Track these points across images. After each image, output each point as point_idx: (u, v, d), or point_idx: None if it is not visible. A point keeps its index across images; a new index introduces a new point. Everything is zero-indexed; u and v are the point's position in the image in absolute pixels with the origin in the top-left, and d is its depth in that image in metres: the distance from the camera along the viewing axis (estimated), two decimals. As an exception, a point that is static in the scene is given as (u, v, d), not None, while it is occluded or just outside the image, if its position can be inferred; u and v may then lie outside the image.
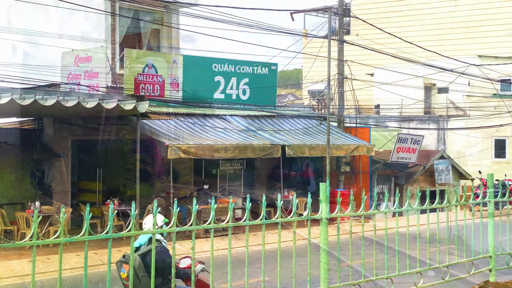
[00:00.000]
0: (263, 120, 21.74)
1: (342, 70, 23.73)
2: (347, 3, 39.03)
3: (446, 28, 39.78)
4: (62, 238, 5.28)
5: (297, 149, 19.77)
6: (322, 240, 7.07)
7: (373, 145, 22.77)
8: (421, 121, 35.54)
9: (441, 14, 40.17)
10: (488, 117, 32.11)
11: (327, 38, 20.66)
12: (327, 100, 20.31)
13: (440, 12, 40.23)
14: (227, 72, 21.49)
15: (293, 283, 6.93)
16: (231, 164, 20.42)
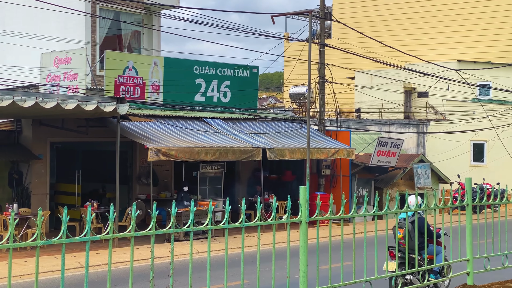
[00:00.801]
0: (244, 123, 21.73)
1: (323, 73, 23.81)
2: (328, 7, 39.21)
3: (426, 33, 40.07)
4: (39, 241, 5.22)
5: (278, 152, 19.78)
6: (302, 243, 7.07)
7: (353, 148, 22.85)
8: (401, 125, 35.75)
9: (421, 19, 40.46)
10: (467, 121, 32.38)
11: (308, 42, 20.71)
12: (307, 103, 20.35)
13: (421, 17, 40.52)
14: (208, 75, 21.46)
15: (272, 285, 6.92)
16: (211, 166, 20.39)
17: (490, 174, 31.71)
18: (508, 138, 31.49)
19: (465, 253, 8.98)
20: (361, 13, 41.84)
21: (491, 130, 31.30)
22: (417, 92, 37.02)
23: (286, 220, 7.06)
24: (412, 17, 40.79)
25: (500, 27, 38.16)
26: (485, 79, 33.87)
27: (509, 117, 31.98)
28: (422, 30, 40.25)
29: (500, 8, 38.31)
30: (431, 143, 35.10)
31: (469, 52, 38.24)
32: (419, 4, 40.78)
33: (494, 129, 30.98)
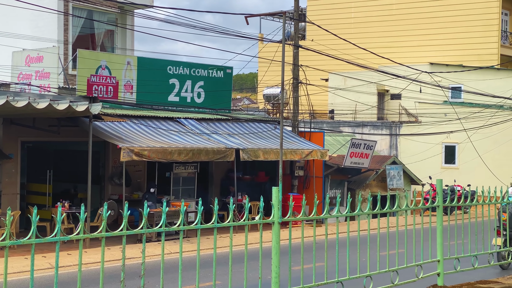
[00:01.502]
0: (217, 123, 21.70)
1: (297, 74, 23.87)
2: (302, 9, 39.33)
3: (399, 35, 40.41)
4: (8, 241, 5.16)
5: (251, 153, 19.79)
6: (274, 244, 7.08)
7: (327, 149, 22.95)
8: (374, 126, 36.00)
9: (394, 22, 40.80)
10: (439, 123, 32.72)
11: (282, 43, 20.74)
12: (281, 104, 20.39)
13: (394, 20, 40.85)
14: (182, 75, 21.39)
15: (244, 286, 6.91)
16: (185, 167, 20.32)
17: (461, 175, 32.08)
18: (479, 141, 31.88)
19: (435, 254, 9.06)
20: (335, 15, 42.05)
21: (462, 133, 31.66)
22: (390, 94, 37.31)
23: (259, 221, 7.06)
24: (385, 20, 41.11)
25: (472, 30, 38.63)
26: (456, 82, 34.25)
27: (480, 120, 32.38)
28: (395, 33, 40.58)
29: (471, 12, 38.78)
30: (404, 145, 35.40)
31: (441, 55, 38.65)
32: (392, 7, 41.11)
33: (465, 131, 31.34)
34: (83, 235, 5.66)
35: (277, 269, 7.01)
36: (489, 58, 38.10)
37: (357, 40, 30.65)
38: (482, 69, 35.18)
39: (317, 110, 32.59)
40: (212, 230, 6.66)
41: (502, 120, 32.31)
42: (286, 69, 25.22)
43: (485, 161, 31.37)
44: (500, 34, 38.83)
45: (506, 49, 39.49)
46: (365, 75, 33.55)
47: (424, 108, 34.56)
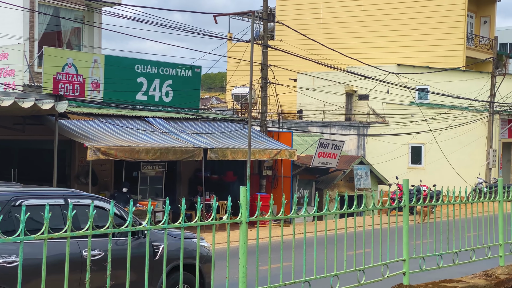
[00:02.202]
0: (186, 122, 21.62)
1: (266, 74, 23.90)
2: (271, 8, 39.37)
3: (368, 36, 40.74)
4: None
5: (219, 152, 19.75)
6: (242, 243, 7.06)
7: (295, 149, 23.02)
8: (342, 127, 36.23)
9: (363, 23, 41.12)
10: (406, 124, 33.07)
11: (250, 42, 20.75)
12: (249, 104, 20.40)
13: (362, 21, 41.17)
14: (150, 74, 21.27)
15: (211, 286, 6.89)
16: (152, 166, 20.19)
17: (427, 175, 32.45)
18: (445, 141, 32.29)
19: (401, 253, 9.14)
20: (304, 15, 42.22)
21: (429, 133, 32.05)
22: (358, 95, 37.60)
23: (226, 221, 7.03)
24: (354, 21, 41.41)
25: (438, 32, 39.12)
26: (423, 83, 34.65)
27: (445, 121, 32.81)
28: (364, 34, 40.90)
29: (438, 14, 39.27)
30: (371, 145, 35.70)
31: (408, 57, 39.07)
32: (360, 8, 41.43)
33: (431, 132, 31.73)
34: (47, 235, 5.58)
35: (244, 269, 7.00)
36: (455, 60, 38.62)
37: (326, 40, 30.81)
38: (448, 71, 35.64)
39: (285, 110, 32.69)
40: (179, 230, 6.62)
41: (467, 121, 32.78)
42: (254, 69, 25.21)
43: (450, 162, 31.79)
44: (466, 36, 39.40)
45: (471, 51, 40.08)
46: (333, 75, 33.75)
47: (391, 109, 34.90)
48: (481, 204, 10.85)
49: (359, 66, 29.69)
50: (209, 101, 50.83)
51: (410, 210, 9.55)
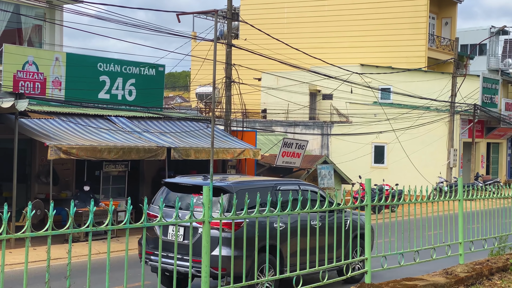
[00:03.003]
0: (149, 121, 21.46)
1: (230, 73, 23.86)
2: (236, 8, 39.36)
3: (331, 36, 41.01)
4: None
5: (182, 151, 19.65)
6: (204, 243, 7.03)
7: (259, 149, 23.02)
8: (306, 126, 36.39)
9: (326, 23, 41.37)
10: (369, 124, 33.36)
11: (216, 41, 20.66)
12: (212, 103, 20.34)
13: (326, 21, 41.42)
14: (113, 72, 21.06)
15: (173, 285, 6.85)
16: (115, 165, 19.99)
17: (389, 175, 32.81)
18: (407, 141, 32.67)
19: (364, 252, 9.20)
20: (268, 14, 42.30)
21: (391, 133, 32.39)
22: (322, 94, 37.81)
23: (189, 220, 7.01)
24: (318, 21, 41.63)
25: (401, 33, 39.57)
26: (386, 83, 35.00)
27: (408, 121, 33.19)
28: (327, 34, 41.16)
29: (400, 15, 39.72)
30: (335, 144, 35.93)
31: (371, 57, 39.43)
32: (324, 8, 41.68)
33: (394, 131, 32.07)
34: (5, 235, 5.48)
35: (207, 268, 6.98)
36: (417, 60, 39.12)
37: (290, 40, 30.90)
38: (410, 71, 36.07)
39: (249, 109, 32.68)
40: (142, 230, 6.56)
41: (429, 121, 33.22)
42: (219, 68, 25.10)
43: (412, 161, 32.18)
44: (428, 37, 39.92)
45: (433, 52, 40.64)
46: (297, 75, 33.89)
47: (355, 109, 35.18)
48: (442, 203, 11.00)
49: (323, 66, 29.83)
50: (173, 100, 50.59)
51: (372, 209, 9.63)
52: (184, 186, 11.30)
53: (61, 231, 5.93)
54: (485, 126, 38.56)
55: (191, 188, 11.21)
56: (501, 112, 37.56)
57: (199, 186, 10.78)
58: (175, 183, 11.68)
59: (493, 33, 48.67)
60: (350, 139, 33.40)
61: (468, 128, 35.68)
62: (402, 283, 8.86)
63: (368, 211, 9.34)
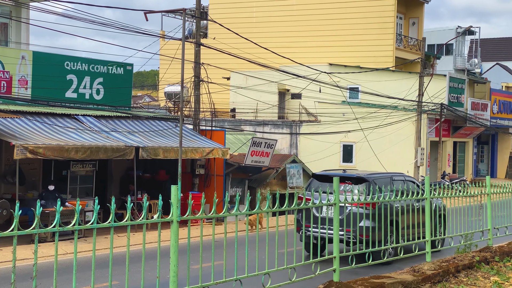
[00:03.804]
0: (117, 121, 21.29)
1: (199, 72, 23.79)
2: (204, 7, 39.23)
3: (300, 36, 41.15)
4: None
5: (151, 151, 19.55)
6: (173, 242, 7.00)
7: (228, 148, 23.01)
8: (275, 125, 36.47)
9: (295, 23, 41.51)
10: (337, 123, 33.55)
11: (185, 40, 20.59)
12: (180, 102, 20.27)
13: (295, 20, 41.55)
14: (80, 71, 20.85)
15: (141, 286, 6.80)
16: (82, 165, 19.80)
17: (358, 174, 32.97)
18: (375, 140, 32.94)
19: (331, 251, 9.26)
20: (237, 14, 42.28)
21: (360, 132, 32.63)
22: (290, 94, 37.91)
23: (157, 220, 6.97)
24: (286, 21, 41.74)
25: (369, 33, 39.88)
26: (354, 82, 35.24)
27: (376, 120, 33.48)
28: (296, 34, 41.29)
29: (368, 15, 40.03)
30: (304, 143, 36.07)
31: (340, 56, 39.67)
32: (293, 8, 41.81)
33: (362, 131, 32.31)
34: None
35: (175, 268, 6.94)
36: (385, 60, 39.46)
37: (259, 39, 30.93)
38: (378, 71, 36.38)
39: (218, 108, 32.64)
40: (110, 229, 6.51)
41: (397, 120, 33.54)
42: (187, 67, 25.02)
43: (380, 160, 32.44)
44: (395, 37, 40.29)
45: (400, 51, 41.04)
46: (266, 74, 33.93)
47: (324, 108, 35.35)
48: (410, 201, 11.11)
49: (292, 65, 29.93)
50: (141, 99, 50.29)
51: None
52: (329, 177, 14.00)
53: (27, 231, 5.85)
54: (452, 125, 39.07)
55: None
56: (467, 112, 38.09)
57: (342, 177, 13.69)
58: (320, 175, 14.98)
59: (459, 33, 49.31)
60: (318, 138, 33.55)
61: (435, 127, 36.11)
62: (370, 281, 8.93)
63: (337, 209, 9.39)
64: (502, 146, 46.25)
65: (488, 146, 46.52)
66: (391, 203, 10.72)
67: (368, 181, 14.00)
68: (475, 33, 52.16)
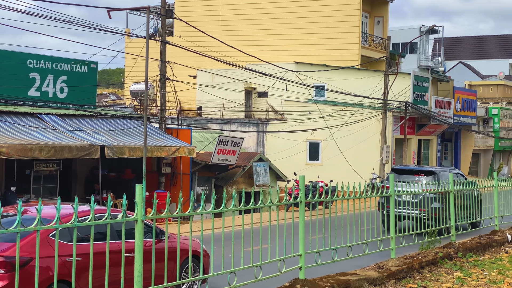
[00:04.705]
0: (81, 119, 21.06)
1: (164, 71, 23.66)
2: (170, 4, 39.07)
3: (266, 34, 41.18)
4: None
5: (117, 150, 19.39)
6: (137, 242, 6.94)
7: (194, 146, 22.94)
8: (242, 124, 36.46)
9: (261, 21, 41.53)
10: (304, 121, 33.67)
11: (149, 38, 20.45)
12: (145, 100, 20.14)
13: (261, 18, 41.57)
14: (44, 69, 20.58)
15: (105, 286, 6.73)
16: (46, 165, 19.55)
17: (324, 172, 33.20)
18: (341, 138, 33.15)
19: (297, 249, 9.28)
20: (203, 11, 42.15)
21: (326, 130, 32.80)
22: (257, 92, 37.93)
23: (121, 220, 6.90)
24: (253, 19, 41.75)
25: (335, 31, 40.09)
26: (320, 80, 35.41)
27: (342, 118, 33.68)
28: (263, 32, 41.31)
29: (334, 14, 40.25)
30: (270, 142, 36.12)
31: (306, 55, 39.81)
32: (259, 6, 41.82)
33: (328, 129, 32.48)
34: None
35: (140, 268, 6.88)
36: (351, 58, 39.71)
37: (225, 37, 30.87)
38: (344, 69, 36.60)
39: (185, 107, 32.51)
40: (72, 230, 6.42)
41: (362, 118, 33.79)
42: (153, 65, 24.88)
43: (346, 158, 32.66)
44: (361, 35, 40.59)
45: (366, 50, 41.35)
46: (232, 72, 33.89)
47: (290, 106, 35.44)
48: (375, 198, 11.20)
49: (258, 63, 29.94)
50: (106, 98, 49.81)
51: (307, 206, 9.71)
52: (406, 170, 19.05)
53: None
54: (416, 123, 39.51)
55: (411, 171, 18.90)
56: (431, 109, 38.55)
57: (415, 170, 18.80)
58: (398, 168, 19.44)
59: (423, 32, 49.88)
60: (285, 136, 33.64)
61: (400, 125, 36.47)
62: (336, 278, 8.97)
63: (302, 207, 9.41)
64: (465, 144, 46.94)
65: (452, 144, 47.16)
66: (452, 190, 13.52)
67: (436, 173, 18.31)
68: (439, 32, 52.83)
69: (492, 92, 56.86)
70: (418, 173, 18.48)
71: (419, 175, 18.19)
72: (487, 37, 75.59)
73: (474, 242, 13.35)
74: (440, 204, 14.93)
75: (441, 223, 13.43)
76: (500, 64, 68.14)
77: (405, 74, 37.69)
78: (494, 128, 49.92)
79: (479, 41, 73.65)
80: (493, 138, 49.32)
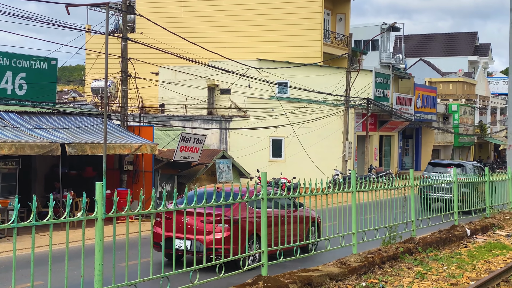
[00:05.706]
0: (41, 117, 20.74)
1: (126, 68, 23.44)
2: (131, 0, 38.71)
3: (229, 31, 41.13)
4: None
5: (78, 147, 19.14)
6: (97, 240, 6.87)
7: (156, 144, 22.76)
8: (205, 121, 36.36)
9: (224, 18, 41.45)
10: (267, 118, 33.73)
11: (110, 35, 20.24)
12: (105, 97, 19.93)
13: (223, 15, 41.50)
14: (1, 66, 20.20)
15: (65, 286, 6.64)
16: (4, 163, 19.20)
17: (287, 168, 33.33)
18: (304, 135, 33.30)
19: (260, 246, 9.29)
20: (165, 8, 41.90)
21: (289, 127, 32.91)
22: (220, 89, 37.87)
23: (81, 218, 6.82)
24: (215, 15, 41.64)
25: (297, 28, 40.24)
26: (283, 77, 35.49)
27: (305, 115, 33.82)
28: (225, 29, 41.25)
29: (297, 11, 40.39)
30: (233, 139, 36.11)
31: (269, 52, 39.87)
32: (221, 3, 41.73)
33: (291, 125, 32.59)
34: None
35: (100, 267, 6.81)
36: (313, 55, 39.90)
37: (187, 34, 30.73)
38: (306, 66, 36.75)
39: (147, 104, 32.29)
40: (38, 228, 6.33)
41: (325, 115, 33.99)
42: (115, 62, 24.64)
43: (309, 154, 32.82)
44: (323, 32, 40.81)
45: (328, 47, 41.59)
46: (195, 69, 33.76)
47: (253, 103, 35.47)
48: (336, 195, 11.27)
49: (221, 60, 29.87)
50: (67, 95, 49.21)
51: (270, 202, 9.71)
52: (440, 163, 24.94)
53: None
54: (378, 120, 39.91)
55: (444, 164, 24.42)
56: (392, 106, 38.97)
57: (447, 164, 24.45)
58: (434, 162, 25.41)
59: (384, 30, 50.40)
60: (248, 133, 33.65)
61: (362, 122, 36.80)
62: (298, 274, 9.01)
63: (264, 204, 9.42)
64: (425, 140, 47.59)
65: (413, 140, 47.78)
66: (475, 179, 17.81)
67: (464, 166, 24.29)
68: (399, 29, 53.44)
69: (452, 89, 57.74)
70: (450, 165, 23.44)
71: (451, 167, 22.35)
72: (446, 35, 76.72)
73: (434, 237, 13.55)
74: (467, 189, 17.91)
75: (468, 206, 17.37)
76: (460, 61, 69.26)
77: (367, 71, 38.03)
78: (454, 125, 50.75)
79: (439, 38, 74.73)
80: (452, 134, 50.11)
